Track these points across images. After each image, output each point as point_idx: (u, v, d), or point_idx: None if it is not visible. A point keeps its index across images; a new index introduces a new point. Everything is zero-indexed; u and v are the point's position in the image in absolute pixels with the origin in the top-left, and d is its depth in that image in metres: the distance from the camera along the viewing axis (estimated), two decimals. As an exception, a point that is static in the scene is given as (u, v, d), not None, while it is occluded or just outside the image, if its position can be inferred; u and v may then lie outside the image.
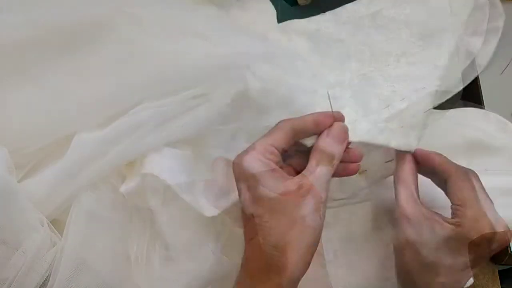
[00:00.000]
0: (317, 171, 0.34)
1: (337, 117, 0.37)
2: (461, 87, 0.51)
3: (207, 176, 0.43)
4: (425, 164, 0.39)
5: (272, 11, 0.52)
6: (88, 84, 0.42)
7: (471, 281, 0.37)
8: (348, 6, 0.52)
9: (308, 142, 0.37)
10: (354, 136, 0.38)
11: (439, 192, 0.40)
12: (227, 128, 0.43)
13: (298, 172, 0.35)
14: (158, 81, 0.41)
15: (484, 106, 0.51)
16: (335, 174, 0.36)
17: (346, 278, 0.45)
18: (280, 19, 0.53)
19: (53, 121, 0.42)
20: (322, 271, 0.45)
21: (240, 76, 0.42)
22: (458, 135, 0.49)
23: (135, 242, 0.43)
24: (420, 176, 0.40)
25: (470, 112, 0.50)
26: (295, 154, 0.38)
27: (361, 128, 0.41)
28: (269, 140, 0.35)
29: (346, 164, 0.37)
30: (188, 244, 0.42)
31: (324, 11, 0.53)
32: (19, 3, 0.41)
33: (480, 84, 0.51)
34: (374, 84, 0.46)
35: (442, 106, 0.50)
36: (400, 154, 0.40)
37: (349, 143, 0.38)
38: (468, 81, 0.51)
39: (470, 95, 0.52)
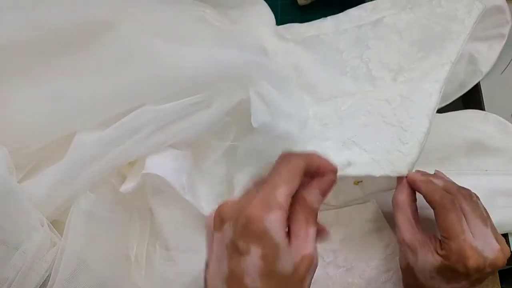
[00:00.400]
0: (310, 234, 0.30)
1: (334, 170, 0.32)
2: (461, 93, 0.51)
3: (207, 178, 0.43)
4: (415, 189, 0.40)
5: (270, 14, 0.52)
6: (88, 84, 0.41)
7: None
8: (351, 11, 0.51)
9: None
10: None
11: None
12: (227, 144, 0.44)
13: None
14: (159, 83, 0.41)
15: (484, 107, 0.50)
16: None
17: (346, 279, 0.45)
18: (280, 19, 0.53)
19: (53, 121, 0.41)
20: (321, 271, 0.45)
21: (242, 84, 0.42)
22: (458, 137, 0.49)
23: (135, 242, 0.43)
24: None
25: (470, 114, 0.50)
26: None
27: (341, 161, 0.41)
28: (290, 189, 0.30)
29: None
30: (188, 244, 0.42)
31: (324, 11, 0.52)
32: (19, 3, 0.41)
33: (480, 85, 0.51)
34: (364, 114, 0.44)
35: (442, 107, 0.50)
36: (398, 178, 0.40)
37: None
38: (469, 87, 0.51)
39: (470, 96, 0.52)
